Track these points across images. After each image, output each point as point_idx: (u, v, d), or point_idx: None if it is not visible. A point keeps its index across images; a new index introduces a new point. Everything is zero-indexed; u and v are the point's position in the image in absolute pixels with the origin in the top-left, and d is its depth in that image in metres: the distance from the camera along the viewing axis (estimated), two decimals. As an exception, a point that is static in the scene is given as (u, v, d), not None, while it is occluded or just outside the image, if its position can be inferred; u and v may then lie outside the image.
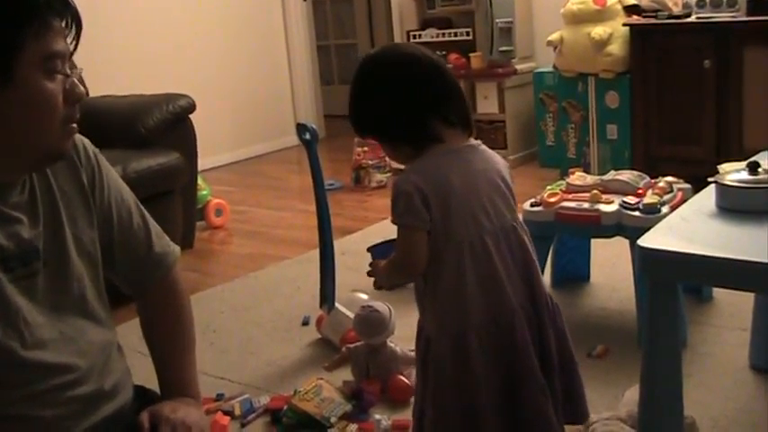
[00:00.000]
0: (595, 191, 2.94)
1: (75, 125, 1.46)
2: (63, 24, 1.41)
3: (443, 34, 5.87)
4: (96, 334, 1.57)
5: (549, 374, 1.83)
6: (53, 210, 1.50)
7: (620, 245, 2.93)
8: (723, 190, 1.95)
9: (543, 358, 1.82)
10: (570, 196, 3.00)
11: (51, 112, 1.40)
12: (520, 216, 1.89)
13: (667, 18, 4.74)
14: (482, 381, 1.76)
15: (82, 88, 1.44)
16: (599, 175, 3.22)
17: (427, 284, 1.79)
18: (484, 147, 1.86)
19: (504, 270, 1.77)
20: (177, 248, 1.78)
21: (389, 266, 1.88)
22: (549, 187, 3.12)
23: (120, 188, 1.67)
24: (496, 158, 1.87)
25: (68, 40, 1.43)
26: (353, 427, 2.50)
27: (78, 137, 1.56)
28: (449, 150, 1.77)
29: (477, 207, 1.76)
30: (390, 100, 1.76)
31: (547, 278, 3.25)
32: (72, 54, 1.45)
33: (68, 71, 1.42)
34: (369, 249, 2.08)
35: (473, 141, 1.84)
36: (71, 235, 1.53)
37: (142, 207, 1.72)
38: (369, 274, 1.96)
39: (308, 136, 2.97)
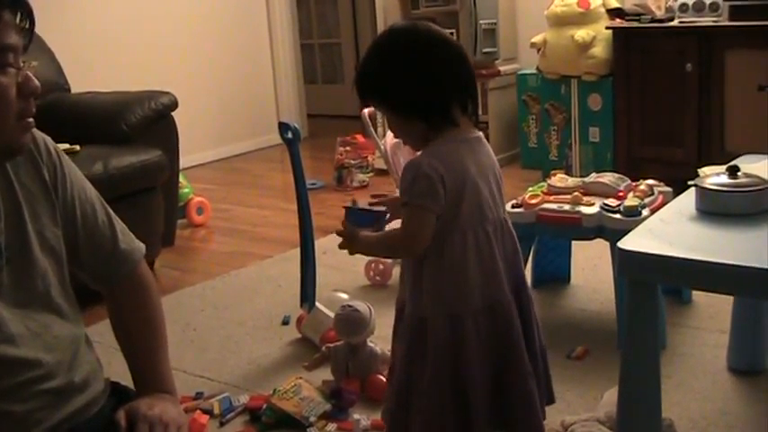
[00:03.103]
0: (576, 193, 2.95)
1: (31, 120, 1.45)
2: (16, 18, 1.40)
3: (427, 34, 5.86)
4: (63, 328, 1.56)
5: (533, 361, 1.88)
6: (14, 206, 1.49)
7: (600, 247, 2.94)
8: (703, 193, 1.96)
9: (528, 346, 1.87)
10: (551, 198, 3.01)
11: (4, 107, 1.39)
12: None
13: (650, 22, 4.76)
14: (476, 365, 1.79)
15: (36, 82, 1.43)
16: (580, 177, 3.22)
17: (427, 266, 1.81)
18: (485, 140, 1.88)
19: (500, 260, 1.83)
20: (142, 245, 1.77)
21: (382, 242, 1.89)
22: (530, 189, 3.13)
23: (84, 185, 1.66)
24: (492, 153, 1.90)
25: (22, 34, 1.42)
26: (333, 426, 2.50)
27: (39, 133, 1.56)
28: (464, 139, 1.81)
29: (483, 198, 1.80)
30: (419, 76, 1.76)
31: (527, 279, 3.27)
32: (26, 48, 1.43)
33: (21, 64, 1.41)
34: (345, 209, 1.97)
35: (479, 133, 1.86)
36: (34, 231, 1.52)
37: (106, 204, 1.70)
38: (340, 233, 1.89)
39: (290, 135, 2.96)
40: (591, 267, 3.56)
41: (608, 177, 3.08)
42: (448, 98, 1.77)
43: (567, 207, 2.92)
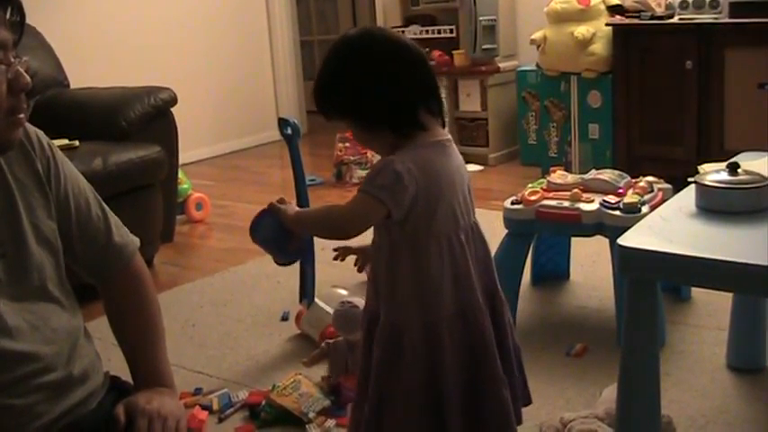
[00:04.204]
0: (576, 190, 2.95)
1: (22, 116, 1.44)
2: (5, 13, 1.39)
3: (427, 31, 5.87)
4: (61, 320, 1.56)
5: (507, 363, 1.85)
6: (9, 200, 1.49)
7: (599, 244, 2.94)
8: (703, 190, 1.96)
9: (502, 353, 1.83)
10: (551, 195, 3.00)
11: None
12: (500, 213, 1.90)
13: (650, 18, 4.75)
14: (450, 371, 1.76)
15: (27, 78, 1.42)
16: (580, 173, 3.22)
17: (401, 273, 1.76)
18: (453, 142, 1.84)
19: (473, 266, 1.78)
20: (137, 239, 1.78)
21: (319, 216, 1.84)
22: (529, 185, 3.12)
23: (77, 178, 1.66)
24: (460, 155, 1.85)
25: (12, 29, 1.41)
26: (332, 422, 2.50)
27: (32, 128, 1.56)
28: (434, 142, 1.74)
29: (455, 203, 1.75)
30: (380, 85, 1.70)
31: (526, 276, 3.28)
32: (16, 43, 1.42)
33: (11, 60, 1.40)
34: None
35: (448, 135, 1.81)
36: (29, 224, 1.52)
37: (100, 198, 1.70)
38: (270, 205, 1.86)
39: (289, 131, 2.96)
40: (590, 264, 3.56)
41: (607, 174, 3.08)
42: (413, 103, 1.71)
43: (566, 204, 2.92)
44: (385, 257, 1.78)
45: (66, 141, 3.62)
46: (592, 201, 2.90)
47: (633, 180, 3.06)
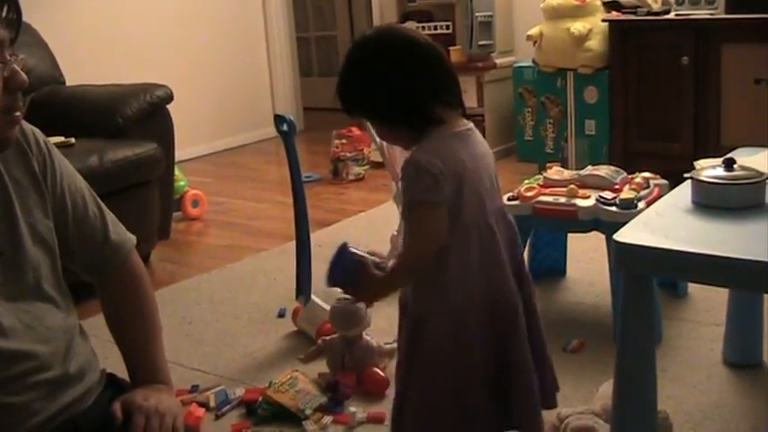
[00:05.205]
0: (572, 185, 2.95)
1: (18, 114, 1.44)
2: (2, 12, 1.39)
3: (423, 27, 5.84)
4: (56, 319, 1.56)
5: (541, 361, 1.87)
6: (5, 199, 1.49)
7: (596, 239, 2.94)
8: (699, 186, 1.96)
9: (533, 343, 1.84)
10: (547, 190, 3.01)
11: None
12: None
13: (646, 14, 4.75)
14: (479, 362, 1.77)
15: (23, 76, 1.41)
16: (576, 169, 3.22)
17: (430, 264, 1.76)
18: (476, 130, 1.85)
19: (504, 251, 1.80)
20: (133, 236, 1.78)
21: (400, 269, 1.77)
22: (526, 181, 3.13)
23: (74, 176, 1.66)
24: (485, 142, 1.88)
25: (8, 27, 1.41)
26: (328, 419, 2.50)
27: (28, 125, 1.55)
28: (454, 133, 1.77)
29: (482, 189, 1.77)
30: (392, 84, 1.74)
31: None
32: (13, 41, 1.41)
33: (8, 58, 1.39)
34: (329, 277, 1.79)
35: (469, 124, 1.83)
36: (25, 224, 1.51)
37: (96, 196, 1.70)
38: (348, 291, 1.84)
39: (285, 127, 2.96)
40: (587, 260, 3.56)
41: (604, 170, 3.08)
42: (425, 100, 1.74)
43: (562, 200, 2.92)
44: None
45: (61, 139, 3.61)
46: (588, 197, 2.90)
47: (629, 176, 3.06)
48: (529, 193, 2.98)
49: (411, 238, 1.77)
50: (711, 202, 1.93)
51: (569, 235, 3.39)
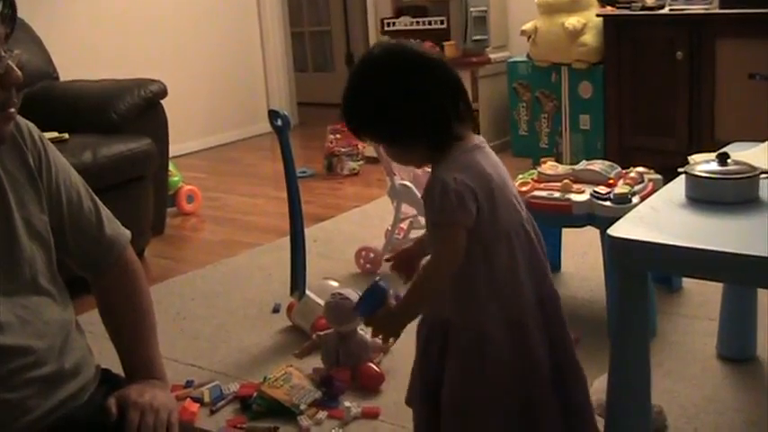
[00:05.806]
0: (567, 180, 2.95)
1: (13, 110, 1.43)
2: None
3: (418, 22, 5.85)
4: (53, 314, 1.56)
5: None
6: (0, 193, 1.49)
7: (590, 234, 2.94)
8: (693, 181, 1.96)
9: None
10: (542, 185, 3.01)
11: None
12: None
13: (641, 9, 4.75)
14: (540, 365, 1.78)
15: (18, 72, 1.40)
16: (571, 164, 3.22)
17: (476, 278, 1.74)
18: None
19: (540, 253, 1.81)
20: (128, 232, 1.77)
21: (420, 289, 1.77)
22: (520, 176, 3.13)
23: (68, 171, 1.66)
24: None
25: (3, 22, 1.40)
26: (323, 414, 2.50)
27: (23, 120, 1.55)
28: (473, 147, 1.74)
29: (511, 196, 1.77)
30: (415, 106, 1.68)
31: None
32: (8, 37, 1.41)
33: (2, 54, 1.38)
34: (356, 308, 1.87)
35: (481, 138, 1.80)
36: (20, 218, 1.51)
37: (91, 191, 1.70)
38: (376, 330, 1.82)
39: (279, 123, 2.96)
40: (581, 255, 3.56)
41: (598, 165, 3.08)
42: (449, 118, 1.70)
43: (557, 195, 2.92)
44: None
45: (55, 134, 3.61)
46: (582, 192, 2.90)
47: (624, 171, 3.07)
48: (523, 188, 2.98)
49: (438, 260, 1.75)
50: (705, 196, 1.93)
51: (564, 230, 3.39)
